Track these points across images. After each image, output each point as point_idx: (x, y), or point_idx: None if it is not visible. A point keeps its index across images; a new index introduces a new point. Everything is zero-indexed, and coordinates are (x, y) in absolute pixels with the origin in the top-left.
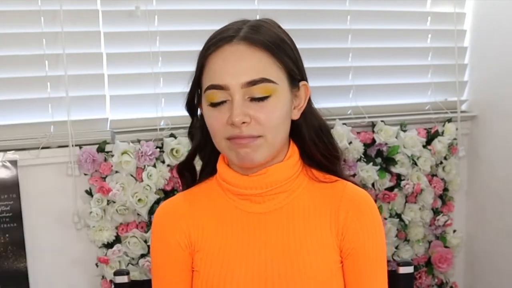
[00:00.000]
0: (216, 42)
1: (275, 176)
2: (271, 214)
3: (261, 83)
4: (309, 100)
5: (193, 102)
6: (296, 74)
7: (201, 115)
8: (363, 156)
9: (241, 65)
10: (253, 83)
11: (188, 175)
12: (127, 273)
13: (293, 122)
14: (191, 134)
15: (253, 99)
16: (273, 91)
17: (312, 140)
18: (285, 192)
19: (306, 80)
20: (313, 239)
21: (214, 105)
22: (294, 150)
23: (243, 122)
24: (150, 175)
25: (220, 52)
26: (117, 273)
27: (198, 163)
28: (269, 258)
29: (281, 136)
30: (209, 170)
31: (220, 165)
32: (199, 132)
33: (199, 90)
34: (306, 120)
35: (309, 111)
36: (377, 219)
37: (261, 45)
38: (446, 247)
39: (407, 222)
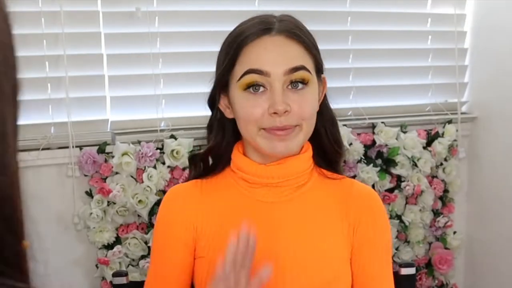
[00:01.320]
0: (254, 32)
1: (293, 168)
2: (281, 204)
3: (301, 70)
4: (325, 94)
5: (215, 95)
6: (321, 68)
7: (218, 108)
8: (363, 157)
9: (282, 54)
10: (295, 69)
11: (199, 166)
12: (126, 274)
13: None
14: (210, 127)
15: (292, 87)
16: (310, 80)
17: (325, 132)
18: (298, 184)
19: (323, 73)
20: (323, 231)
21: (253, 89)
22: (308, 145)
23: (286, 111)
24: (150, 176)
25: (260, 42)
26: (116, 274)
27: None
28: (279, 247)
29: (313, 125)
30: (223, 162)
31: (236, 155)
32: (217, 125)
33: (227, 81)
34: (322, 112)
35: (324, 104)
36: (386, 214)
37: (297, 37)
38: (446, 248)
39: (407, 224)
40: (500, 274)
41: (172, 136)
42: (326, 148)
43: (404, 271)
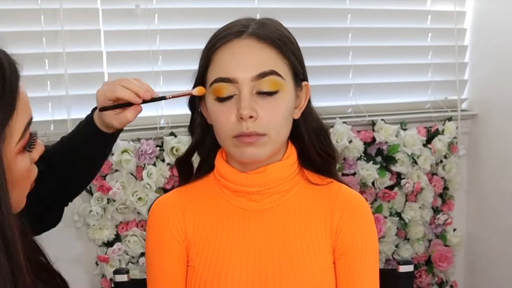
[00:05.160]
0: (224, 36)
1: (274, 175)
2: (266, 212)
3: (270, 75)
4: (309, 100)
5: (195, 98)
6: (300, 73)
7: (201, 111)
8: (363, 154)
9: (250, 58)
10: (263, 75)
11: (185, 170)
12: (127, 272)
13: (293, 122)
14: (191, 130)
15: (261, 93)
16: (281, 86)
17: (310, 141)
18: (282, 191)
19: (307, 80)
20: (307, 238)
21: (221, 99)
22: (292, 150)
23: (251, 117)
24: (150, 174)
25: (229, 46)
26: (117, 271)
27: (195, 160)
28: (263, 255)
29: (284, 134)
30: (207, 166)
31: (219, 161)
32: (199, 128)
33: (204, 85)
34: (306, 120)
35: (308, 111)
36: (371, 220)
37: (270, 41)
38: (446, 245)
39: (407, 221)
40: (500, 271)
41: (172, 134)
42: (312, 157)
43: (403, 268)
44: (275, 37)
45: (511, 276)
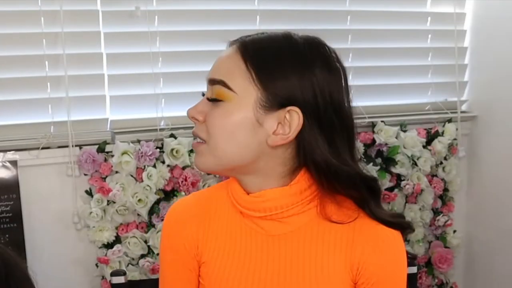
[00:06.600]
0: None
1: (273, 202)
2: (279, 237)
3: (217, 85)
4: (311, 133)
5: None
6: (278, 96)
7: None
8: (363, 156)
9: (217, 63)
10: (212, 82)
11: None
12: (124, 274)
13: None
14: None
15: (208, 99)
16: (227, 98)
17: (326, 181)
18: (292, 216)
19: (300, 107)
20: (320, 269)
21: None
22: (303, 177)
23: (193, 117)
24: (150, 176)
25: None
26: (114, 273)
27: None
28: (275, 283)
29: (228, 150)
30: None
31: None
32: None
33: None
34: (305, 153)
35: (306, 145)
36: (399, 254)
37: (244, 53)
38: (446, 247)
39: None
40: (499, 272)
41: (172, 135)
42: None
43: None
44: (257, 51)
45: (511, 277)
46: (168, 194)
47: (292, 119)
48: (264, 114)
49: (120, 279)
